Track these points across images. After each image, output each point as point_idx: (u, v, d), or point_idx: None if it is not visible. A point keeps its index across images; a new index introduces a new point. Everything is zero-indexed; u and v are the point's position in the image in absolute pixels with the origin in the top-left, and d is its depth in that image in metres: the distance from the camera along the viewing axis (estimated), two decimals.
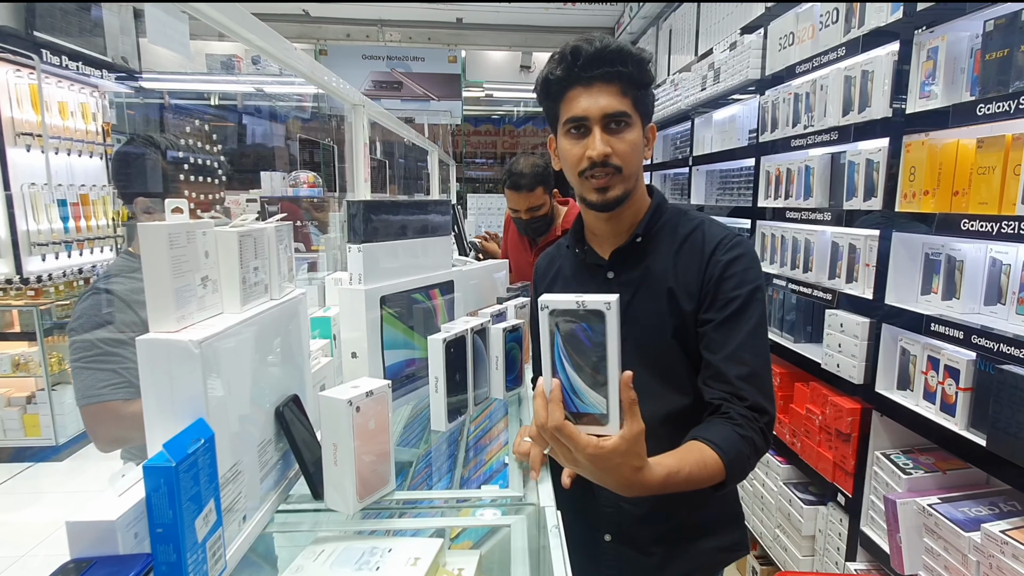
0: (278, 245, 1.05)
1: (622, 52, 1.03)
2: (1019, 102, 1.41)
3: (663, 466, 0.84)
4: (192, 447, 0.73)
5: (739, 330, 1.02)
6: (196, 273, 0.84)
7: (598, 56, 1.03)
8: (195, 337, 0.76)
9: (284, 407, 1.02)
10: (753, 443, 0.95)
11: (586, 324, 0.73)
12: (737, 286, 1.04)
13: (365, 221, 1.34)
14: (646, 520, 1.16)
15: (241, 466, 0.88)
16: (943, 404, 1.67)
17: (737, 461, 0.91)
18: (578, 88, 1.05)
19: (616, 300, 0.72)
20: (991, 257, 1.65)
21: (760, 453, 0.97)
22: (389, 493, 1.05)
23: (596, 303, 0.72)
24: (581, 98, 1.05)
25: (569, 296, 0.74)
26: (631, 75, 1.04)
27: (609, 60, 1.03)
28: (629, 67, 1.03)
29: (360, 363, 1.35)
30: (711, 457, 0.90)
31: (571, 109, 1.06)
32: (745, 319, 1.03)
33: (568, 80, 1.06)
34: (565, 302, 0.73)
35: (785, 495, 2.38)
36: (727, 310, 1.04)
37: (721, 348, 1.02)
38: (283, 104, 5.87)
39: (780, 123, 2.50)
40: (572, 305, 0.73)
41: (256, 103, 6.06)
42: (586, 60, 1.03)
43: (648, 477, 0.81)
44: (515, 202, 2.36)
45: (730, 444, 0.92)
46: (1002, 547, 1.41)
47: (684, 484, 0.87)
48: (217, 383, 0.81)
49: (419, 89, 6.33)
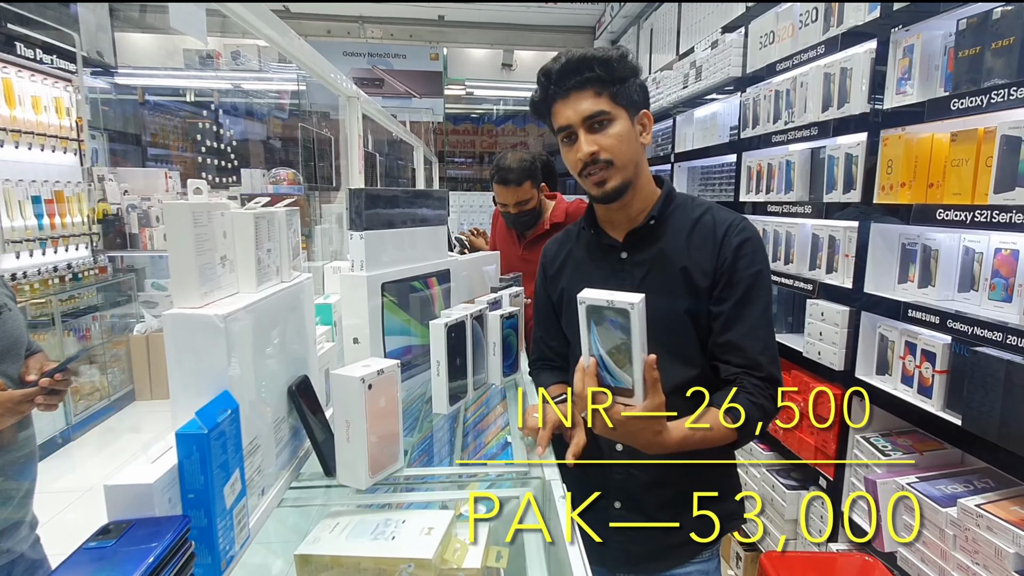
0: (288, 229, 1.07)
1: (585, 59, 1.12)
2: (991, 97, 1.49)
3: (680, 429, 1.00)
4: (221, 416, 0.75)
5: (753, 309, 1.12)
6: (216, 252, 0.86)
7: (564, 70, 1.13)
8: (220, 312, 0.78)
9: (296, 386, 1.04)
10: (763, 408, 1.08)
11: (615, 318, 0.86)
12: (748, 266, 1.14)
13: (367, 208, 1.36)
14: (652, 486, 1.22)
15: (260, 440, 0.90)
16: (920, 387, 1.74)
17: (746, 424, 1.05)
18: (559, 102, 1.16)
19: (642, 301, 0.85)
20: (964, 246, 1.73)
21: (770, 417, 1.10)
22: (398, 470, 1.08)
23: (623, 303, 0.84)
24: (562, 109, 1.15)
25: (602, 293, 0.87)
26: (600, 76, 1.12)
27: (576, 70, 1.13)
28: (596, 70, 1.12)
29: (362, 348, 1.37)
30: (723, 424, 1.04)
31: (558, 121, 1.17)
32: (757, 298, 1.13)
33: (548, 98, 1.17)
34: (597, 300, 0.86)
35: (768, 481, 2.45)
36: (740, 289, 1.13)
37: (738, 326, 1.12)
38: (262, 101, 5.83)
39: (761, 119, 2.58)
40: (603, 303, 0.86)
41: (234, 100, 6.00)
42: (556, 77, 1.14)
43: (667, 438, 0.98)
44: (503, 196, 2.39)
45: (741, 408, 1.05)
46: (977, 520, 1.48)
47: (700, 444, 1.03)
48: (239, 358, 0.83)
49: (401, 86, 6.32)
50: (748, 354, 1.11)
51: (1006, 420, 1.44)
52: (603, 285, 1.23)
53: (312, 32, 6.26)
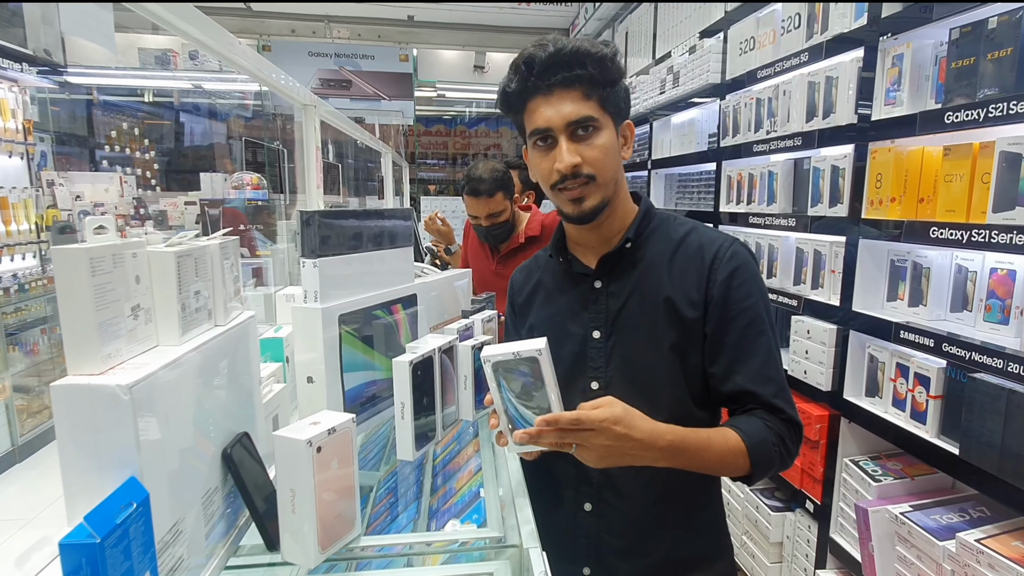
0: (223, 262, 0.93)
1: (579, 53, 0.96)
2: (988, 111, 1.41)
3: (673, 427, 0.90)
4: (121, 515, 0.61)
5: (758, 346, 0.99)
6: (125, 302, 0.71)
7: (553, 62, 0.96)
8: (124, 381, 0.64)
9: (232, 448, 0.90)
10: (785, 445, 0.97)
11: (523, 368, 0.85)
12: (745, 296, 1.00)
13: (320, 233, 1.22)
14: (627, 554, 1.09)
15: (183, 524, 0.76)
16: (913, 412, 1.66)
17: (761, 448, 0.94)
18: (538, 98, 0.98)
19: (546, 344, 0.84)
20: (956, 264, 1.66)
21: (791, 456, 0.99)
22: (354, 539, 0.95)
23: (529, 352, 0.84)
24: (542, 108, 0.98)
25: (506, 347, 0.85)
26: (592, 76, 0.96)
27: (566, 64, 0.96)
28: (589, 68, 0.96)
29: (317, 388, 1.23)
30: (733, 438, 0.94)
31: (534, 121, 1.00)
32: (760, 333, 1.00)
33: (526, 91, 0.99)
34: (503, 355, 0.85)
35: (752, 501, 2.36)
36: (739, 325, 0.99)
37: (744, 367, 0.99)
38: (224, 102, 5.59)
39: (742, 128, 2.49)
40: (510, 355, 0.84)
41: (195, 100, 5.74)
42: (541, 68, 0.96)
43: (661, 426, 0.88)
44: (475, 208, 2.26)
45: (756, 432, 0.95)
46: (978, 556, 1.40)
47: (705, 445, 0.92)
48: (152, 433, 0.68)
49: (369, 88, 6.13)
50: (762, 399, 0.98)
51: (1007, 451, 1.37)
52: (574, 319, 1.10)
53: (276, 32, 6.04)
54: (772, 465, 0.97)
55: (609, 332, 1.05)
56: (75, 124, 5.33)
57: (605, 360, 1.05)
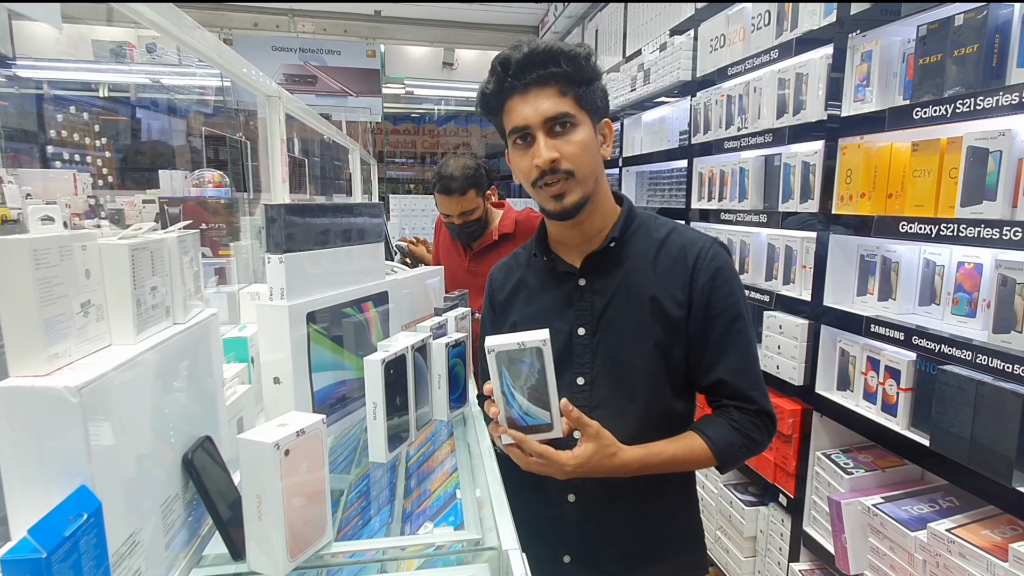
0: (182, 257, 0.87)
1: (552, 51, 0.99)
2: (955, 107, 1.43)
3: (640, 447, 0.98)
4: (70, 527, 0.56)
5: (739, 341, 1.05)
6: (74, 298, 0.66)
7: (528, 61, 0.99)
8: (72, 382, 0.59)
9: (193, 453, 0.85)
10: (750, 437, 1.04)
11: (526, 358, 0.88)
12: (728, 295, 1.05)
13: (286, 228, 1.17)
14: (607, 540, 1.13)
15: (141, 535, 0.71)
16: (884, 404, 1.68)
17: (727, 451, 1.02)
18: (515, 98, 1.01)
19: (547, 334, 0.88)
20: (925, 258, 1.69)
21: (760, 447, 1.07)
22: (325, 546, 0.90)
23: (534, 342, 0.87)
24: (519, 106, 1.01)
25: (509, 337, 0.88)
26: (567, 74, 0.99)
27: (540, 63, 0.98)
28: (563, 66, 0.99)
29: (284, 389, 1.17)
30: (699, 445, 1.01)
31: (512, 120, 1.02)
32: (741, 331, 1.05)
33: (503, 92, 1.03)
34: (507, 344, 0.88)
35: (726, 496, 2.37)
36: (723, 322, 1.05)
37: (726, 360, 1.05)
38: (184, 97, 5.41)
39: (713, 125, 2.50)
40: (514, 345, 0.88)
41: (153, 95, 5.55)
42: (516, 68, 0.99)
43: (626, 457, 0.96)
44: (446, 206, 2.22)
45: (722, 436, 1.02)
46: (948, 546, 1.42)
47: (669, 463, 1.00)
48: (104, 438, 0.63)
49: (335, 84, 6.01)
50: (740, 390, 1.05)
51: (976, 442, 1.39)
52: (559, 316, 1.12)
53: (237, 25, 5.88)
54: (738, 462, 1.06)
55: (595, 329, 1.08)
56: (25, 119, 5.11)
57: (591, 356, 1.08)
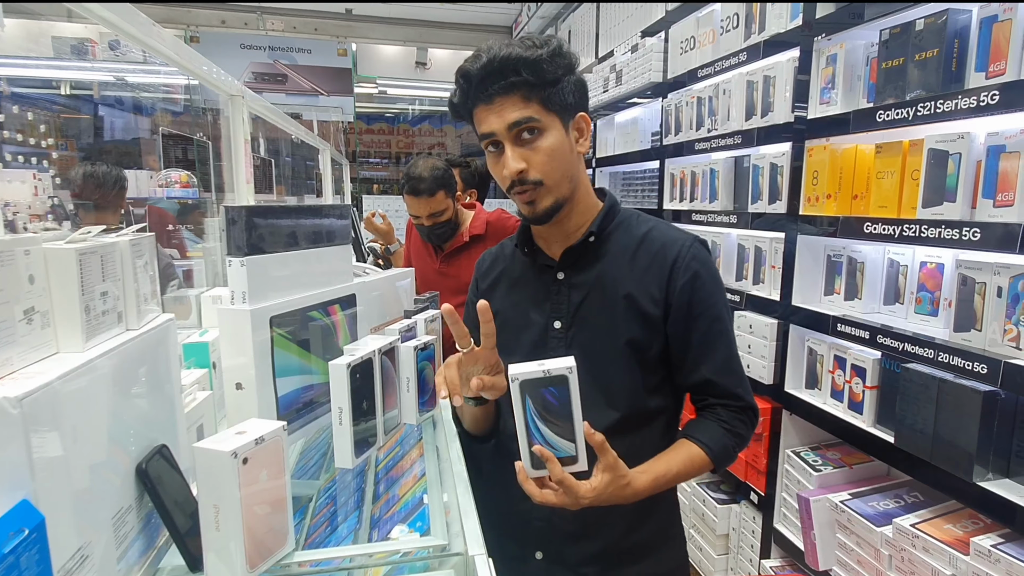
0: (135, 261, 0.84)
1: (510, 61, 0.96)
2: (916, 109, 1.46)
3: (650, 472, 0.97)
4: (10, 543, 0.54)
5: (721, 341, 1.06)
6: (16, 305, 0.63)
7: (487, 73, 0.98)
8: (12, 393, 0.56)
9: (148, 462, 0.82)
10: (739, 435, 1.06)
11: (552, 387, 0.84)
12: (710, 295, 1.06)
13: (248, 230, 1.14)
14: (578, 538, 1.11)
15: (90, 548, 0.68)
16: (851, 402, 1.71)
17: (723, 454, 1.04)
18: (481, 106, 1.01)
19: (573, 361, 0.84)
20: (889, 258, 1.71)
21: (746, 442, 1.09)
22: (287, 555, 0.88)
23: (560, 370, 0.83)
24: (485, 115, 1.01)
25: (533, 365, 0.84)
26: (528, 81, 0.98)
27: (499, 73, 0.97)
28: (524, 74, 0.97)
29: (247, 395, 1.14)
30: (697, 454, 1.02)
31: (481, 128, 1.03)
32: (723, 331, 1.06)
33: (469, 101, 1.03)
34: (532, 372, 0.84)
35: (699, 495, 2.39)
36: (705, 322, 1.05)
37: (710, 360, 1.06)
38: (149, 95, 5.28)
39: (684, 126, 2.52)
40: (539, 374, 0.84)
41: (117, 93, 5.41)
42: (477, 81, 0.99)
43: (638, 486, 0.95)
44: (416, 208, 2.19)
45: (716, 440, 1.04)
46: (913, 540, 1.45)
47: (675, 480, 1.01)
48: (49, 450, 0.60)
49: (306, 83, 5.92)
50: (727, 389, 1.07)
51: (938, 438, 1.41)
52: (536, 309, 1.12)
53: (204, 22, 5.75)
54: (732, 462, 1.08)
55: (570, 323, 1.09)
56: None
57: (564, 350, 1.08)
